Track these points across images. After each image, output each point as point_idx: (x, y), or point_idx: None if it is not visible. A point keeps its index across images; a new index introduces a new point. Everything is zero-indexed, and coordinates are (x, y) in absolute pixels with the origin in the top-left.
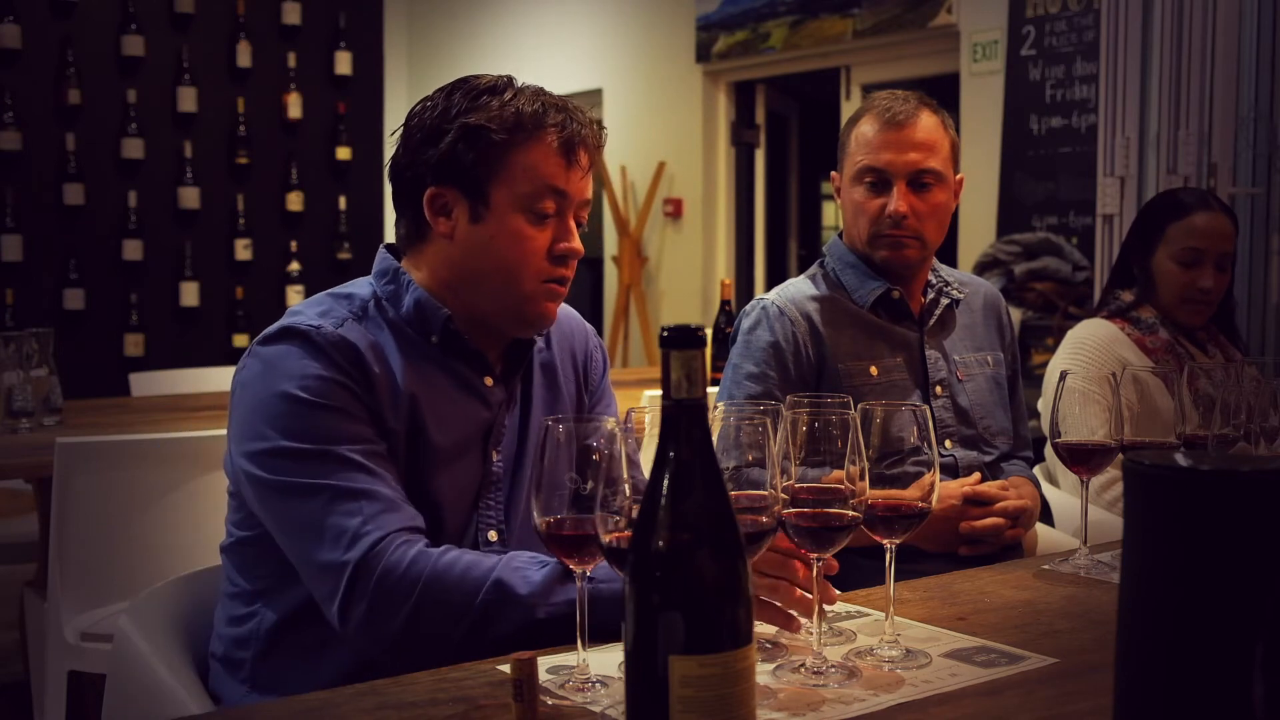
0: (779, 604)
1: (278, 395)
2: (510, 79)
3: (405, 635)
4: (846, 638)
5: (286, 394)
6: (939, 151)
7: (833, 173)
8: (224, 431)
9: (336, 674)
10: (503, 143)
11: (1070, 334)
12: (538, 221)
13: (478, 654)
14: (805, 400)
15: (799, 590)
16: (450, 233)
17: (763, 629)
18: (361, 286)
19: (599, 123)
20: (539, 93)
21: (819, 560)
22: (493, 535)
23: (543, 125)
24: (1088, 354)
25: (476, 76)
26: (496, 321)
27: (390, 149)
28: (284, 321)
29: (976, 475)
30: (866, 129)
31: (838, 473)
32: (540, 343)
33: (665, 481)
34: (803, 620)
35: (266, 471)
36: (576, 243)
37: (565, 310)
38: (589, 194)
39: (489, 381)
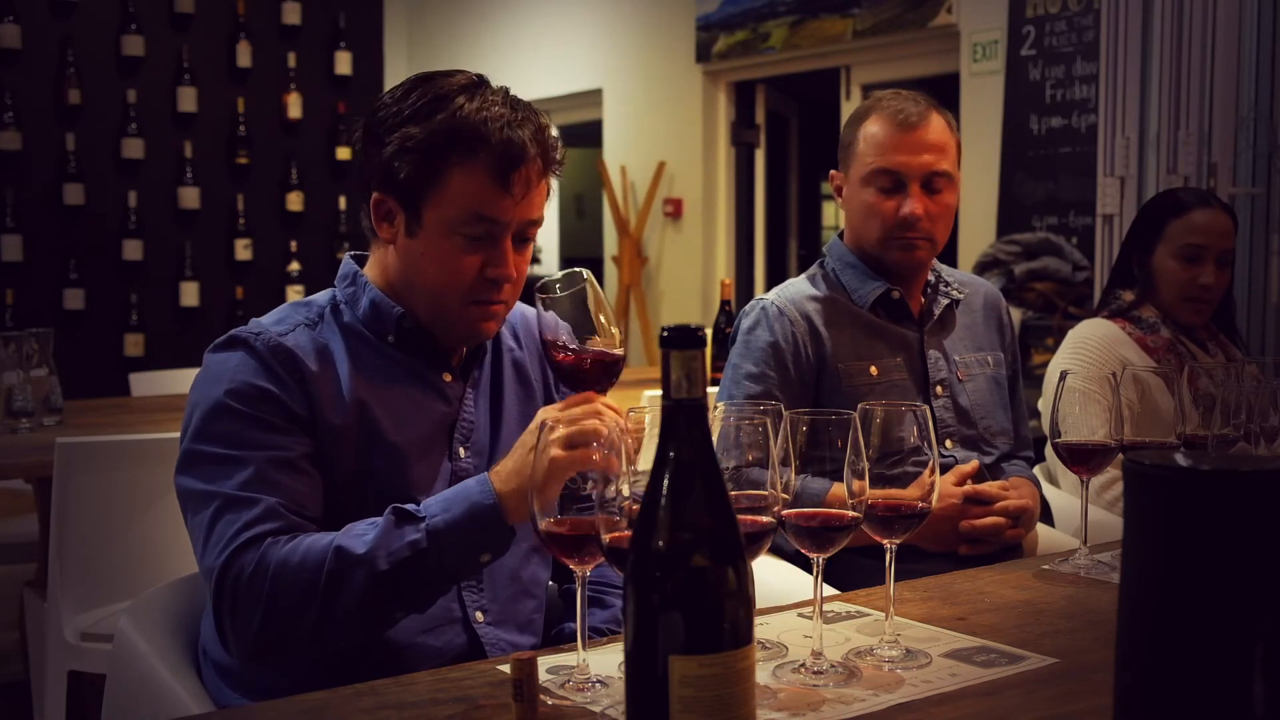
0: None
1: (206, 399)
2: (473, 83)
3: (265, 629)
4: (846, 638)
5: (214, 398)
6: (949, 153)
7: (832, 172)
8: None
9: (326, 677)
10: (436, 162)
11: (1071, 334)
12: (468, 245)
13: (337, 630)
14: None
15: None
16: (392, 239)
17: (763, 630)
18: (324, 294)
19: (554, 137)
20: (492, 103)
21: (819, 560)
22: None
23: (478, 146)
24: (1089, 354)
25: (444, 77)
26: (435, 328)
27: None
28: (232, 330)
29: (975, 464)
30: (877, 130)
31: (836, 485)
32: (510, 341)
33: (665, 481)
34: (810, 609)
35: (181, 473)
36: (508, 269)
37: (535, 313)
38: (535, 214)
39: (447, 377)
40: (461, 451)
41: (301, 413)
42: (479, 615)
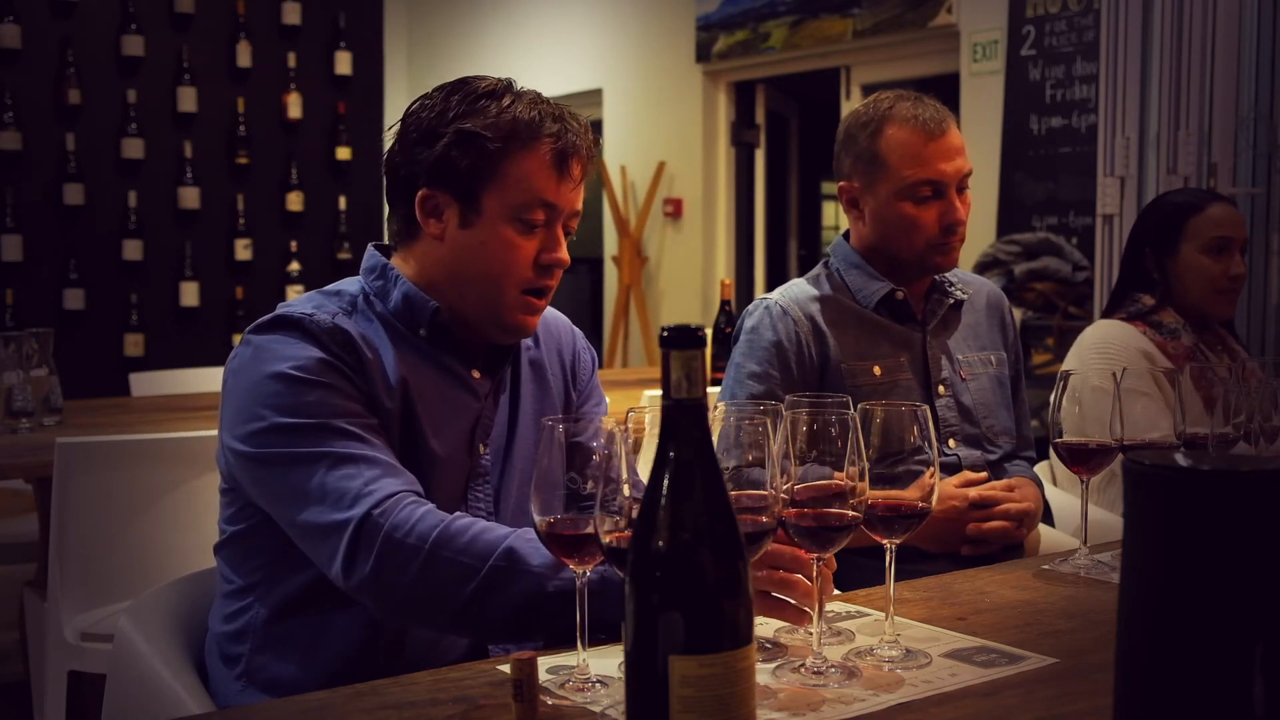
0: (792, 600)
1: (271, 376)
2: (510, 83)
3: (413, 591)
4: (846, 638)
5: (280, 374)
6: (966, 150)
7: (843, 184)
8: None
9: (331, 666)
10: (497, 151)
11: (1089, 336)
12: (526, 231)
13: (478, 626)
14: (805, 400)
15: (809, 584)
16: (440, 234)
17: (763, 629)
18: (350, 284)
19: (595, 132)
20: (536, 100)
21: (819, 560)
22: None
23: (538, 135)
24: (1116, 354)
25: (477, 79)
26: (476, 324)
27: (388, 143)
28: (276, 312)
29: (984, 474)
30: (905, 140)
31: (838, 474)
32: (528, 340)
33: (665, 481)
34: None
35: (263, 448)
36: (563, 253)
37: (552, 313)
38: (579, 205)
39: (476, 374)
40: (481, 449)
41: (365, 389)
42: None
